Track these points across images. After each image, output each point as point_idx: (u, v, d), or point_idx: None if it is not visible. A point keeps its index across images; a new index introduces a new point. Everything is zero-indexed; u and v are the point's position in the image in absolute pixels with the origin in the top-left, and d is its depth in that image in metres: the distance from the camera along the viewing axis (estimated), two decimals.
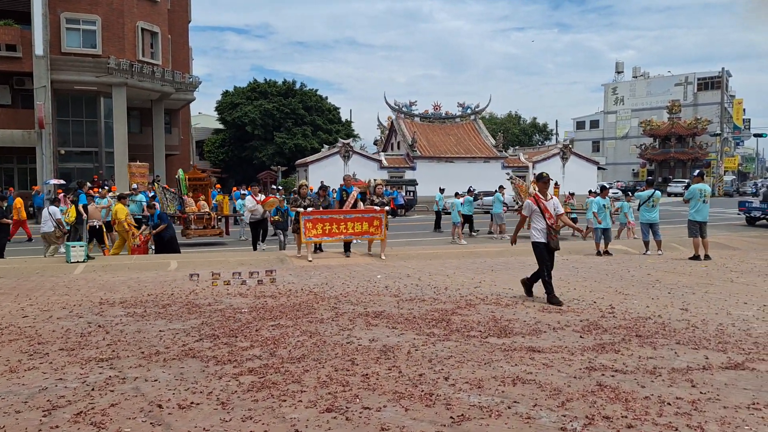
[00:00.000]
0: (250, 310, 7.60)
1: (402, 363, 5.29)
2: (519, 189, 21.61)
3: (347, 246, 13.69)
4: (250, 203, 15.70)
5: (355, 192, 14.22)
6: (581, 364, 5.32)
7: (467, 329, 6.60)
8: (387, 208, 13.36)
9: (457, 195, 20.15)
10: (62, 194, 19.89)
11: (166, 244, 14.33)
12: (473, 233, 20.62)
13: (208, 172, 29.33)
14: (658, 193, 13.80)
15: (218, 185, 32.14)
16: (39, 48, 29.09)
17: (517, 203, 20.95)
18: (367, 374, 4.96)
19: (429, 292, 8.93)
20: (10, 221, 15.56)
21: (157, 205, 15.27)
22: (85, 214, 15.46)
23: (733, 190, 61.42)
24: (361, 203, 13.88)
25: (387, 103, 43.47)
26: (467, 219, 19.90)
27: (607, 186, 17.40)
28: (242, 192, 21.41)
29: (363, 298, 8.50)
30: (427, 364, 5.25)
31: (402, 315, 7.31)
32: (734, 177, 70.33)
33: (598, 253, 13.65)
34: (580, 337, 6.30)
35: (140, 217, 17.68)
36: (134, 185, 22.63)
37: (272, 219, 15.93)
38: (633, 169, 76.46)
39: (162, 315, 7.39)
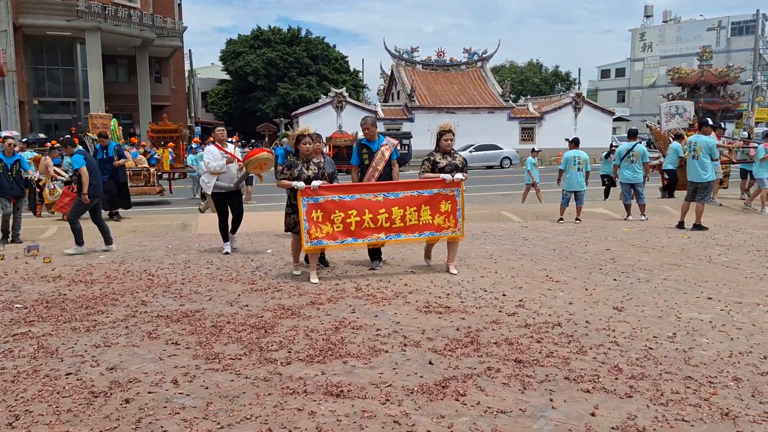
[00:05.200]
0: (27, 305, 5.70)
1: (94, 422, 3.31)
2: (658, 136, 17.32)
3: (374, 254, 7.58)
4: (213, 158, 8.16)
5: (386, 150, 7.46)
6: (381, 427, 3.29)
7: (281, 345, 4.60)
8: (460, 175, 7.00)
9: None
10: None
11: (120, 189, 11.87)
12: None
13: (181, 125, 27.29)
14: (640, 146, 11.43)
15: (196, 139, 30.20)
16: None
17: (661, 155, 15.86)
18: None
19: (302, 277, 6.93)
20: None
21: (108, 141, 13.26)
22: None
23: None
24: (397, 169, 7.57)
25: (387, 48, 40.64)
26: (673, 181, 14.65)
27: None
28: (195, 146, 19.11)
29: (206, 285, 6.53)
30: (125, 429, 3.27)
31: (219, 317, 5.33)
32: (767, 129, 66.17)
33: (560, 220, 11.43)
34: (429, 363, 4.25)
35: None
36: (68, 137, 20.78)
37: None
38: (659, 121, 72.51)
39: None
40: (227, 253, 8.39)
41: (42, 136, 30.39)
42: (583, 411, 3.49)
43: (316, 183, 6.66)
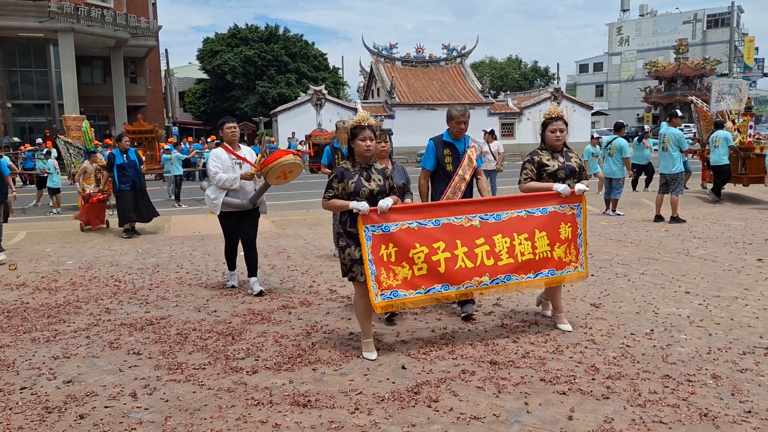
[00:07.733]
0: None
1: None
2: (703, 116, 14.71)
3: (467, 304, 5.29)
4: (222, 167, 6.05)
5: (474, 153, 5.54)
6: None
7: (248, 353, 4.44)
8: (582, 186, 4.78)
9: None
10: None
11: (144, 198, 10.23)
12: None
13: (156, 125, 26.92)
14: (619, 140, 11.34)
15: (171, 139, 29.83)
16: None
17: (698, 138, 14.58)
18: None
19: (293, 282, 6.76)
20: None
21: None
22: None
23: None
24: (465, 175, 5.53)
25: (365, 45, 40.43)
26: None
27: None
28: (171, 146, 18.67)
29: (174, 291, 6.34)
30: None
31: (185, 324, 5.15)
32: None
33: None
34: (402, 367, 4.11)
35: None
36: (38, 140, 20.41)
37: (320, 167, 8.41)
38: (638, 114, 72.99)
39: None
40: (233, 286, 6.46)
41: (16, 139, 29.87)
42: (558, 415, 3.37)
43: (385, 203, 4.25)
